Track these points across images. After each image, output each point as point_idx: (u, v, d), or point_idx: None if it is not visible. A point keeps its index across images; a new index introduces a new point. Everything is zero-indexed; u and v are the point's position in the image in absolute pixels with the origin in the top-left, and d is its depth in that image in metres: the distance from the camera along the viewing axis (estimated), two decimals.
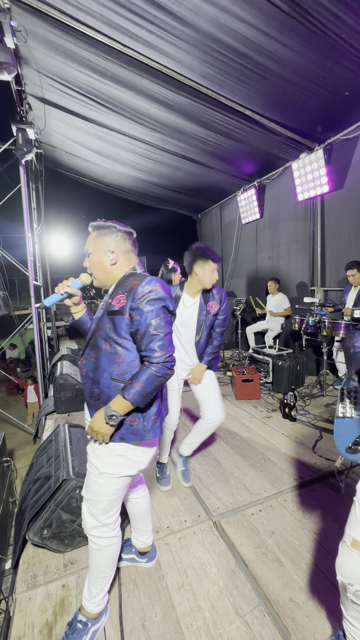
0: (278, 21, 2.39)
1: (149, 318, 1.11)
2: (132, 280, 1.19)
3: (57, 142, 5.24)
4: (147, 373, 1.09)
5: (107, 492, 1.18)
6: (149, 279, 1.16)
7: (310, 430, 2.87)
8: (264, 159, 4.80)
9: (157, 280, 1.17)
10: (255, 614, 1.32)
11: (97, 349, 1.19)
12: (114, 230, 1.24)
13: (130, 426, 1.17)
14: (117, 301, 1.17)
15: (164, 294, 1.15)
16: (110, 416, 1.10)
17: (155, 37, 2.65)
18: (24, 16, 2.68)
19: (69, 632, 1.22)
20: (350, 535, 0.97)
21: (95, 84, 3.42)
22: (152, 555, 1.57)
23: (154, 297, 1.12)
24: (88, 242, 1.26)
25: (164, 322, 1.13)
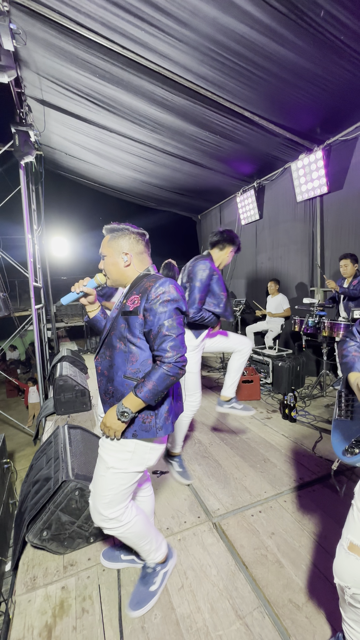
0: (276, 23, 2.40)
1: (161, 319, 1.14)
2: (146, 281, 1.22)
3: (56, 144, 5.26)
4: (159, 372, 1.12)
5: (112, 487, 1.21)
6: (163, 281, 1.19)
7: (310, 431, 2.86)
8: (263, 160, 4.81)
9: (171, 281, 1.20)
10: (255, 615, 1.31)
11: (112, 347, 1.23)
12: (127, 233, 1.27)
13: (143, 423, 1.20)
14: (131, 302, 1.20)
15: (177, 296, 1.18)
16: (123, 413, 1.13)
17: (153, 39, 2.66)
18: (23, 19, 2.69)
19: (143, 575, 1.41)
20: (348, 539, 0.97)
21: (94, 86, 3.43)
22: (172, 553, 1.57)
23: (167, 298, 1.15)
24: (102, 244, 1.30)
25: (177, 323, 1.16)
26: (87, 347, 7.34)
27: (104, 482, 1.22)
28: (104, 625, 1.31)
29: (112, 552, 1.60)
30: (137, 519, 1.30)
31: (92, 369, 5.52)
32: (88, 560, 1.63)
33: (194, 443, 2.74)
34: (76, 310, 11.94)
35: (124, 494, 1.24)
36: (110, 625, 1.31)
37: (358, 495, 1.00)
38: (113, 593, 1.44)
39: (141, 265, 1.30)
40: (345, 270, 3.57)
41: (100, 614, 1.35)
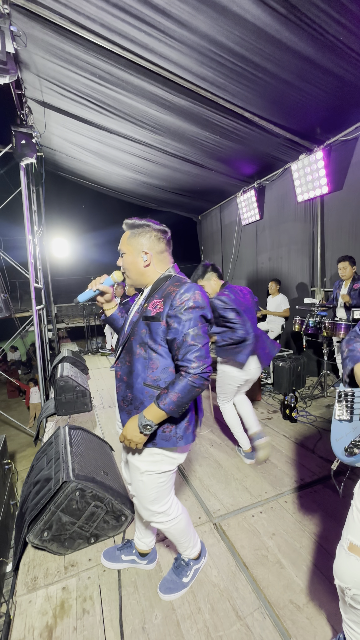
0: (275, 23, 2.40)
1: (186, 327, 1.08)
2: (170, 285, 1.17)
3: (57, 145, 5.27)
4: (183, 383, 1.07)
5: (152, 487, 1.23)
6: (188, 286, 1.13)
7: (311, 432, 2.86)
8: (263, 161, 4.81)
9: (196, 287, 1.14)
10: (256, 616, 1.31)
11: (131, 353, 1.19)
12: (148, 230, 1.21)
13: (162, 432, 1.17)
14: (153, 306, 1.15)
15: (203, 303, 1.12)
16: (145, 426, 1.10)
17: (153, 40, 2.66)
18: (23, 21, 2.70)
19: (177, 566, 1.45)
20: (348, 539, 0.97)
21: (94, 87, 3.44)
22: (153, 557, 1.57)
23: (192, 305, 1.10)
24: (122, 241, 1.24)
25: (202, 332, 1.10)
26: (87, 348, 7.35)
27: (144, 486, 1.23)
28: (105, 626, 1.31)
29: (113, 552, 1.60)
30: (182, 516, 1.35)
31: (92, 370, 5.52)
32: (89, 560, 1.63)
33: (194, 443, 2.74)
34: (77, 311, 11.95)
35: (165, 488, 1.26)
36: (110, 626, 1.31)
37: (357, 496, 1.00)
38: (114, 594, 1.44)
39: (162, 265, 1.24)
40: (344, 273, 3.57)
41: (101, 615, 1.35)
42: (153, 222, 1.23)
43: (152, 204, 7.74)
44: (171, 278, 1.21)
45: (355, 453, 1.01)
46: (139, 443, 1.13)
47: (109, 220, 13.73)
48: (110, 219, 13.73)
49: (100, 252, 13.05)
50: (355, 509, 0.98)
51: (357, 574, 0.93)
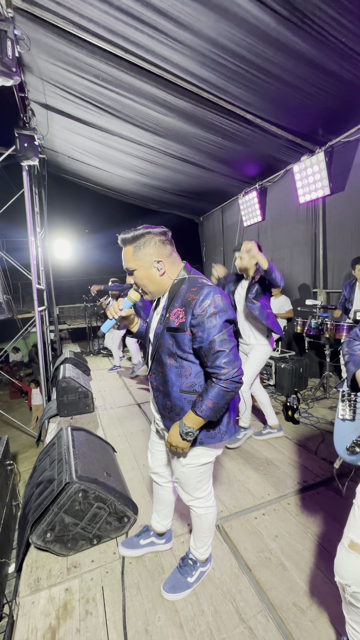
0: (277, 25, 2.41)
1: (212, 334, 1.07)
2: (187, 291, 1.14)
3: (59, 147, 5.30)
4: (216, 389, 1.08)
5: (193, 477, 1.29)
6: (207, 292, 1.10)
7: (313, 433, 2.85)
8: (265, 162, 4.82)
9: (215, 291, 1.11)
10: (259, 618, 1.31)
11: (162, 364, 1.20)
12: (150, 237, 1.14)
13: (207, 432, 1.21)
14: (175, 316, 1.13)
15: (224, 306, 1.10)
16: (187, 433, 1.13)
17: (156, 42, 2.67)
18: (27, 24, 2.73)
19: (182, 564, 1.46)
20: (349, 537, 0.98)
21: (97, 90, 3.46)
22: (169, 537, 1.68)
23: (214, 311, 1.08)
24: (126, 258, 1.16)
25: (228, 336, 1.09)
26: (89, 349, 7.36)
27: (185, 476, 1.29)
28: (108, 628, 1.31)
29: (131, 541, 1.66)
30: (215, 508, 1.40)
31: (94, 371, 5.53)
32: (91, 562, 1.63)
33: None
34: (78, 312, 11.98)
35: (206, 476, 1.32)
36: (114, 628, 1.31)
37: (359, 495, 1.00)
38: (117, 595, 1.44)
39: (174, 268, 1.20)
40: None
41: (104, 616, 1.35)
42: (150, 226, 1.17)
43: (154, 206, 7.75)
44: (186, 281, 1.17)
45: (357, 452, 1.02)
46: (184, 448, 1.18)
47: (111, 221, 13.80)
48: (112, 220, 13.80)
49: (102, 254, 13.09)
50: (357, 507, 0.99)
51: (357, 572, 0.93)
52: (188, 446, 1.18)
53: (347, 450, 1.06)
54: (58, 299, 7.54)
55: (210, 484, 1.37)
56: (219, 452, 1.30)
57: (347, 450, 1.06)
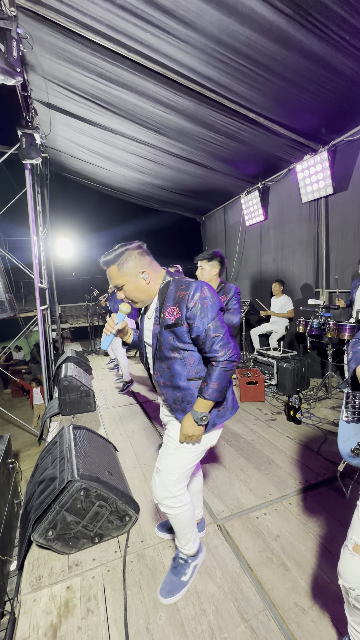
0: (281, 23, 2.40)
1: (206, 323, 1.19)
2: (176, 290, 1.25)
3: (62, 146, 5.30)
4: (217, 371, 1.20)
5: (181, 465, 1.32)
6: (195, 286, 1.21)
7: (315, 433, 2.84)
8: (267, 161, 4.80)
9: (201, 284, 1.23)
10: (261, 618, 1.31)
11: (167, 359, 1.29)
12: (129, 253, 1.25)
13: (218, 412, 1.33)
14: (169, 314, 1.23)
15: (212, 295, 1.23)
16: (201, 418, 1.23)
17: (159, 40, 2.67)
18: (29, 23, 2.73)
19: (174, 565, 1.48)
20: (353, 540, 0.97)
21: (100, 88, 3.45)
22: (202, 525, 1.74)
23: (205, 302, 1.20)
24: (113, 277, 1.26)
25: (220, 322, 1.21)
26: (91, 348, 7.37)
27: (174, 461, 1.32)
28: (109, 626, 1.31)
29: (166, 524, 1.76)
30: (190, 505, 1.41)
31: (96, 370, 5.54)
32: (93, 560, 1.63)
33: None
34: (80, 311, 12.01)
35: (188, 472, 1.35)
36: (115, 626, 1.31)
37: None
38: (118, 594, 1.44)
39: (157, 274, 1.31)
40: None
41: (105, 615, 1.35)
42: (126, 243, 1.28)
43: (156, 205, 7.75)
44: (172, 283, 1.27)
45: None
46: (200, 435, 1.27)
47: (113, 220, 13.82)
48: (114, 219, 13.82)
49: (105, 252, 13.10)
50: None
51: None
52: (202, 432, 1.27)
53: (351, 453, 1.05)
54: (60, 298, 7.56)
55: (186, 483, 1.39)
56: (214, 441, 1.39)
57: (352, 453, 1.05)
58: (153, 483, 1.38)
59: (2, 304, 3.82)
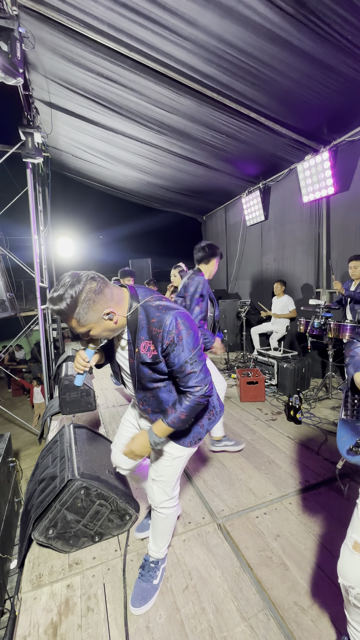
0: (283, 22, 2.40)
1: (182, 358, 1.10)
2: (147, 322, 1.11)
3: (63, 146, 5.31)
4: (190, 402, 1.14)
5: (178, 471, 1.36)
6: (170, 321, 1.07)
7: (315, 433, 2.84)
8: (268, 161, 4.80)
9: (175, 316, 1.09)
10: (260, 617, 1.31)
11: (150, 390, 1.24)
12: (84, 293, 1.01)
13: (209, 419, 1.33)
14: (145, 349, 1.13)
15: (187, 326, 1.10)
16: (157, 443, 1.20)
17: (160, 39, 2.67)
18: (31, 22, 2.73)
19: (145, 572, 1.45)
20: (352, 538, 0.97)
21: (101, 88, 3.46)
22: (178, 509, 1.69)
23: (180, 336, 1.09)
24: (73, 327, 1.06)
25: (197, 356, 1.12)
26: None
27: (172, 471, 1.34)
28: (109, 624, 1.31)
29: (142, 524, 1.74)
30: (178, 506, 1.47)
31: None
32: (93, 559, 1.63)
33: None
34: None
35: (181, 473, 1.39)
36: (115, 624, 1.31)
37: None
38: (118, 592, 1.45)
39: (122, 305, 1.12)
40: (354, 272, 3.53)
41: (105, 613, 1.36)
42: (75, 284, 1.01)
43: (157, 204, 7.76)
44: (141, 310, 1.12)
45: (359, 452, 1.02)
46: (141, 457, 1.25)
47: (114, 220, 13.83)
48: (115, 219, 13.83)
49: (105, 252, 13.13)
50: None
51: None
52: (149, 452, 1.25)
53: (350, 451, 1.06)
54: None
55: None
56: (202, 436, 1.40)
57: (351, 451, 1.06)
58: (150, 491, 1.39)
59: (2, 303, 3.83)
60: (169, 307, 1.12)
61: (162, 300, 1.16)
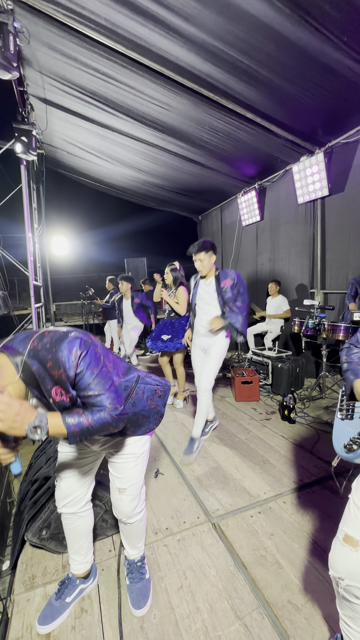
0: (279, 22, 2.41)
1: (86, 381, 0.97)
2: (44, 369, 0.95)
3: (58, 143, 5.26)
4: (103, 416, 0.99)
5: (142, 470, 1.36)
6: (65, 356, 0.93)
7: (309, 433, 2.87)
8: (264, 162, 4.82)
9: (68, 345, 0.95)
10: (254, 616, 1.31)
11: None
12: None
13: (159, 397, 1.32)
14: (58, 394, 0.98)
15: (84, 349, 0.97)
16: (35, 427, 0.90)
17: (157, 36, 2.66)
18: (26, 17, 2.69)
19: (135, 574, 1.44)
20: (343, 531, 1.00)
21: (97, 85, 3.43)
22: (94, 571, 1.51)
23: (83, 364, 0.96)
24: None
25: (102, 377, 1.00)
26: None
27: (139, 470, 1.33)
28: (103, 625, 1.30)
29: (50, 608, 1.33)
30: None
31: None
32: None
33: None
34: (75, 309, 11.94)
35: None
36: (109, 625, 1.30)
37: (355, 490, 1.03)
38: (112, 593, 1.44)
39: (7, 375, 0.94)
40: None
41: (99, 614, 1.35)
42: None
43: (152, 203, 7.73)
44: (31, 362, 0.95)
45: (354, 449, 1.04)
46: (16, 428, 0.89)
47: (109, 218, 13.76)
48: (110, 217, 13.77)
49: (99, 251, 13.06)
50: (352, 502, 1.01)
51: (350, 565, 0.95)
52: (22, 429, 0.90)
53: (344, 448, 1.07)
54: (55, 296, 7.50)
55: None
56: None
57: (345, 448, 1.07)
58: (119, 504, 1.32)
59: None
60: (58, 338, 0.96)
61: (44, 335, 0.98)
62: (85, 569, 1.43)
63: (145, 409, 1.28)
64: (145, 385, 1.28)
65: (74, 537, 1.39)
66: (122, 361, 1.27)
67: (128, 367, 1.28)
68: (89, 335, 1.05)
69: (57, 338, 0.96)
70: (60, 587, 1.39)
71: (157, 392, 1.32)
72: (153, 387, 1.31)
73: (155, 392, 1.31)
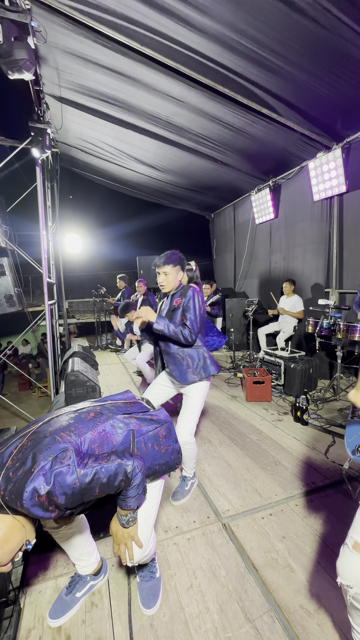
0: (299, 10, 2.35)
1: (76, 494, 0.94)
2: (21, 478, 0.90)
3: (73, 141, 5.30)
4: (131, 490, 1.07)
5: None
6: (25, 503, 0.88)
7: (322, 435, 2.81)
8: (279, 158, 4.73)
9: (27, 491, 0.88)
10: (265, 619, 1.29)
11: None
12: None
13: (174, 451, 1.28)
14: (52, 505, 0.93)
15: (44, 487, 0.89)
16: (127, 520, 1.12)
17: (173, 28, 2.62)
18: (43, 16, 2.72)
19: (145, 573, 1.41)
20: (353, 538, 0.97)
21: (112, 82, 3.44)
22: (105, 568, 1.52)
23: (60, 496, 0.91)
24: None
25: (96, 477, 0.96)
26: (97, 344, 7.41)
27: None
28: (113, 620, 1.31)
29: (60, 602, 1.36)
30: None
31: (102, 365, 5.55)
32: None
33: (204, 442, 2.73)
34: (87, 307, 12.08)
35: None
36: (119, 621, 1.31)
37: None
38: (122, 588, 1.45)
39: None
40: None
41: (109, 609, 1.36)
42: None
43: (165, 201, 7.72)
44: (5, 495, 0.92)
45: None
46: (131, 538, 1.14)
47: (122, 216, 13.84)
48: (122, 215, 13.84)
49: (112, 248, 13.16)
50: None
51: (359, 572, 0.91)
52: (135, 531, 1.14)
53: (356, 450, 1.04)
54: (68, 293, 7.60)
55: None
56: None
57: (356, 450, 1.04)
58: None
59: (11, 298, 3.86)
60: (21, 480, 0.89)
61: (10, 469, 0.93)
62: (92, 569, 1.43)
63: (156, 457, 1.21)
64: (143, 436, 1.19)
65: (70, 547, 1.36)
66: (110, 433, 1.13)
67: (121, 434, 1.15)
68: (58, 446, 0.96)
69: (21, 480, 0.89)
70: (71, 582, 1.40)
71: (160, 435, 1.22)
72: (154, 432, 1.21)
73: (157, 436, 1.22)
